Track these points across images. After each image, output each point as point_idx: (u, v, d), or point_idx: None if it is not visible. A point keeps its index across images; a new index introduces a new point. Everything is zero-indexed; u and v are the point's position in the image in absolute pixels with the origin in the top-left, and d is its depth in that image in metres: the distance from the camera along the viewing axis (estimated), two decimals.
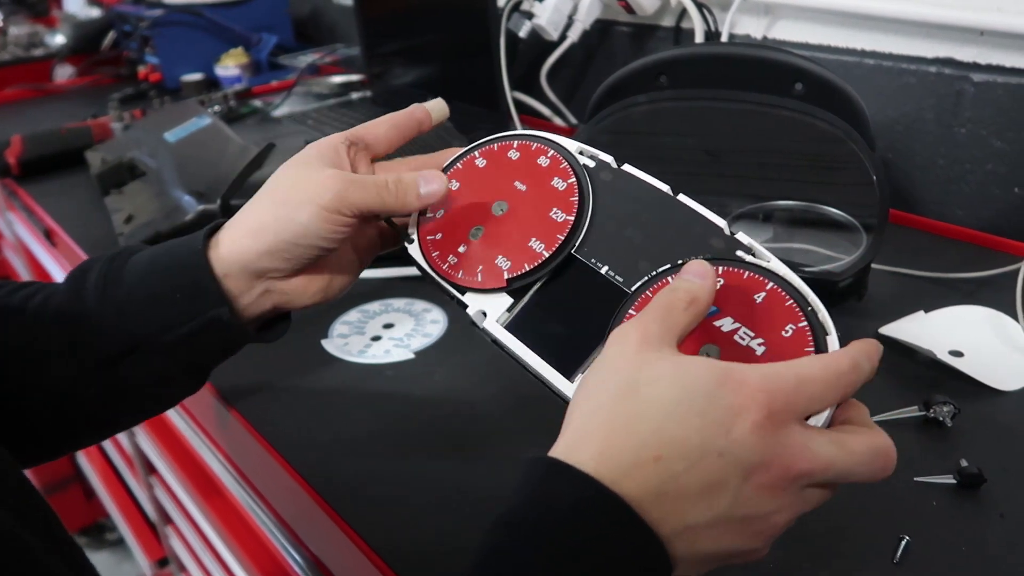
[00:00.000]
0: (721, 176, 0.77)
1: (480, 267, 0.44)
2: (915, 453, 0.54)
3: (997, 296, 0.70)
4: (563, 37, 1.11)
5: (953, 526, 0.48)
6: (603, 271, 0.43)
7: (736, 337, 0.38)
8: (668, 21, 1.10)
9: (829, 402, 0.34)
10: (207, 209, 0.77)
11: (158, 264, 0.46)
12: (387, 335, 0.72)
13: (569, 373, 0.41)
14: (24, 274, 1.50)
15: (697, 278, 0.37)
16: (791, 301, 0.38)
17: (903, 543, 0.46)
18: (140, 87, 1.55)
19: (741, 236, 0.41)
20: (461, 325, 0.70)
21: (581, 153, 0.46)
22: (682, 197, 0.44)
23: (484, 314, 0.44)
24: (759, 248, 0.41)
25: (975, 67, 0.83)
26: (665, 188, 0.44)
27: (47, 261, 1.22)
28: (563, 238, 0.43)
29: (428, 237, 0.46)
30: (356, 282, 0.50)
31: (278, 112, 1.39)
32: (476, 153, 0.49)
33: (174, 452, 0.96)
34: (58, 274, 1.20)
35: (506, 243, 0.44)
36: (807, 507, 0.34)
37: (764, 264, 0.40)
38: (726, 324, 0.38)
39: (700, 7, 1.02)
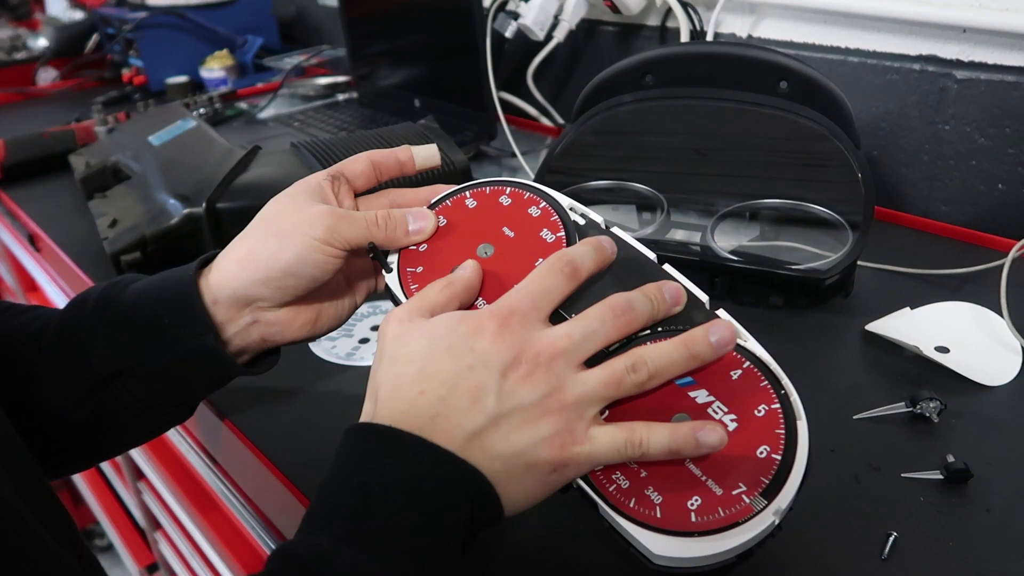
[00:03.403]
0: (707, 175, 0.77)
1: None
2: (902, 449, 0.54)
3: (982, 292, 0.71)
4: (549, 37, 1.11)
5: (940, 521, 0.48)
6: None
7: (709, 410, 0.39)
8: (653, 20, 1.10)
9: (558, 291, 0.40)
10: (192, 212, 0.77)
11: (151, 290, 0.47)
12: (375, 337, 0.71)
13: None
14: (8, 279, 1.49)
15: (459, 269, 0.43)
16: (765, 382, 0.39)
17: (891, 539, 0.47)
18: (124, 90, 1.54)
19: (721, 312, 0.42)
20: None
21: (572, 210, 0.47)
22: (667, 267, 0.44)
23: None
24: (738, 327, 0.41)
25: (958, 64, 0.83)
26: (651, 256, 0.45)
27: (31, 266, 1.21)
28: None
29: (408, 269, 0.47)
30: None
31: (264, 114, 1.39)
32: (467, 193, 0.49)
33: (162, 457, 0.95)
34: (42, 279, 1.19)
35: (487, 285, 0.45)
36: (591, 385, 0.38)
37: (742, 343, 0.41)
38: (701, 396, 0.39)
39: (685, 6, 1.02)
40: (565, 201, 0.47)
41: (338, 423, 0.60)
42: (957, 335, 0.65)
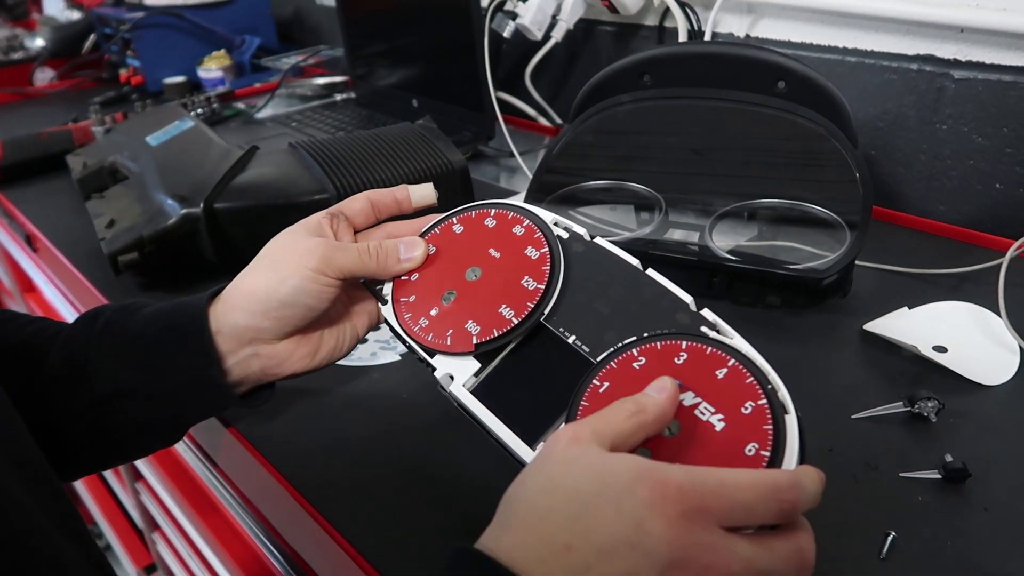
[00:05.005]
0: (705, 174, 0.77)
1: (450, 331, 0.46)
2: (900, 449, 0.54)
3: (979, 291, 0.71)
4: (547, 37, 1.11)
5: (938, 521, 0.48)
6: (570, 340, 0.44)
7: (697, 412, 0.39)
8: (651, 20, 1.10)
9: (760, 515, 0.33)
10: (190, 213, 0.76)
11: (162, 317, 0.48)
12: (373, 337, 0.71)
13: (531, 441, 0.41)
14: (6, 280, 1.48)
15: (653, 392, 0.38)
16: (751, 378, 0.39)
17: (889, 538, 0.47)
18: (122, 90, 1.54)
19: (706, 312, 0.42)
20: None
21: (556, 224, 0.48)
22: (650, 272, 0.45)
23: (451, 377, 0.45)
24: (724, 325, 0.41)
25: (955, 64, 0.83)
26: (635, 262, 0.45)
27: (29, 267, 1.21)
28: (532, 306, 0.45)
29: (402, 299, 0.48)
30: None
31: (261, 114, 1.38)
32: (454, 219, 0.50)
33: (160, 458, 0.95)
34: (40, 280, 1.19)
35: (477, 308, 0.46)
36: None
37: (727, 341, 0.41)
38: (687, 398, 0.39)
39: (683, 6, 1.02)
40: (548, 216, 0.48)
41: (336, 422, 0.61)
42: (955, 335, 0.65)
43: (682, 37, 1.03)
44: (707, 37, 1.02)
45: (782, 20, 0.98)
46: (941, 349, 0.64)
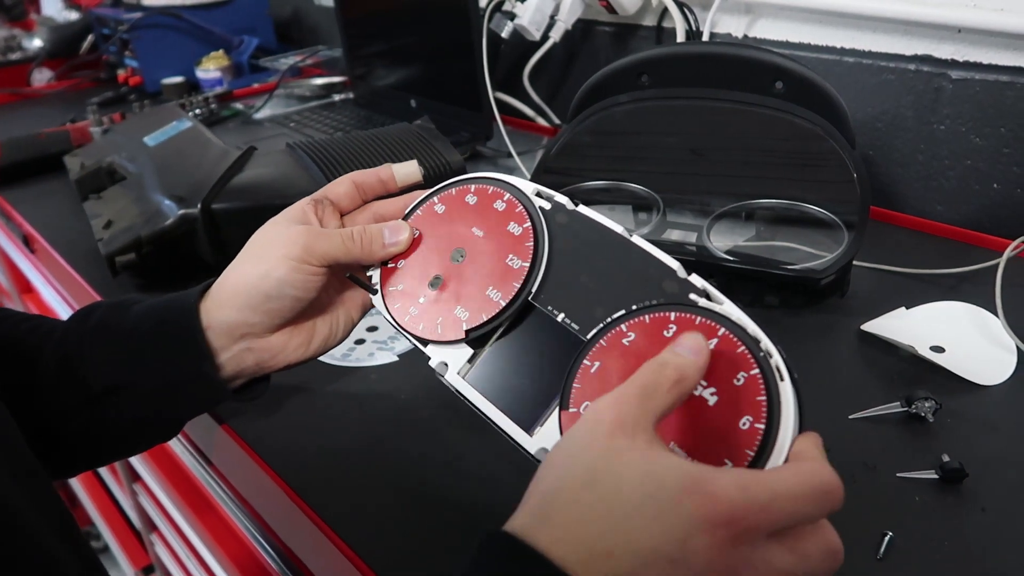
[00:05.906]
0: (703, 175, 0.77)
1: (439, 319, 0.45)
2: (897, 449, 0.54)
3: (977, 291, 0.71)
4: (545, 37, 1.11)
5: (936, 521, 0.48)
6: (560, 318, 0.42)
7: None
8: (649, 20, 1.10)
9: (811, 519, 0.33)
10: (188, 213, 0.76)
11: (153, 313, 0.48)
12: (371, 338, 0.71)
13: (529, 426, 0.41)
14: (3, 281, 1.48)
15: (690, 353, 0.35)
16: (743, 347, 0.37)
17: (887, 539, 0.47)
18: (120, 91, 1.54)
19: (695, 279, 0.41)
20: None
21: (538, 195, 0.46)
22: (636, 239, 0.43)
23: (446, 365, 0.44)
24: (713, 291, 0.40)
25: (953, 64, 0.84)
26: (620, 229, 0.44)
27: (26, 268, 1.21)
28: (519, 286, 0.43)
29: (390, 288, 0.47)
30: None
31: (260, 115, 1.38)
32: (435, 199, 0.49)
33: (158, 459, 0.95)
34: (38, 281, 1.19)
35: (464, 293, 0.45)
36: None
37: (717, 308, 0.39)
38: None
39: (681, 6, 1.03)
40: (528, 188, 0.46)
41: (334, 423, 0.61)
42: (952, 335, 0.65)
43: (680, 37, 1.03)
44: (705, 37, 1.02)
45: (780, 20, 0.98)
46: (938, 349, 0.64)
